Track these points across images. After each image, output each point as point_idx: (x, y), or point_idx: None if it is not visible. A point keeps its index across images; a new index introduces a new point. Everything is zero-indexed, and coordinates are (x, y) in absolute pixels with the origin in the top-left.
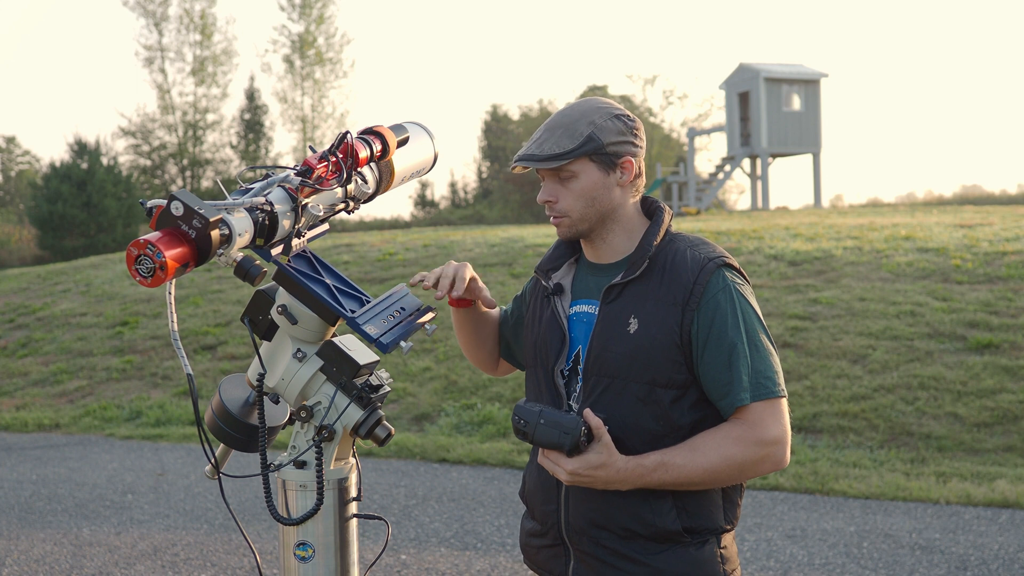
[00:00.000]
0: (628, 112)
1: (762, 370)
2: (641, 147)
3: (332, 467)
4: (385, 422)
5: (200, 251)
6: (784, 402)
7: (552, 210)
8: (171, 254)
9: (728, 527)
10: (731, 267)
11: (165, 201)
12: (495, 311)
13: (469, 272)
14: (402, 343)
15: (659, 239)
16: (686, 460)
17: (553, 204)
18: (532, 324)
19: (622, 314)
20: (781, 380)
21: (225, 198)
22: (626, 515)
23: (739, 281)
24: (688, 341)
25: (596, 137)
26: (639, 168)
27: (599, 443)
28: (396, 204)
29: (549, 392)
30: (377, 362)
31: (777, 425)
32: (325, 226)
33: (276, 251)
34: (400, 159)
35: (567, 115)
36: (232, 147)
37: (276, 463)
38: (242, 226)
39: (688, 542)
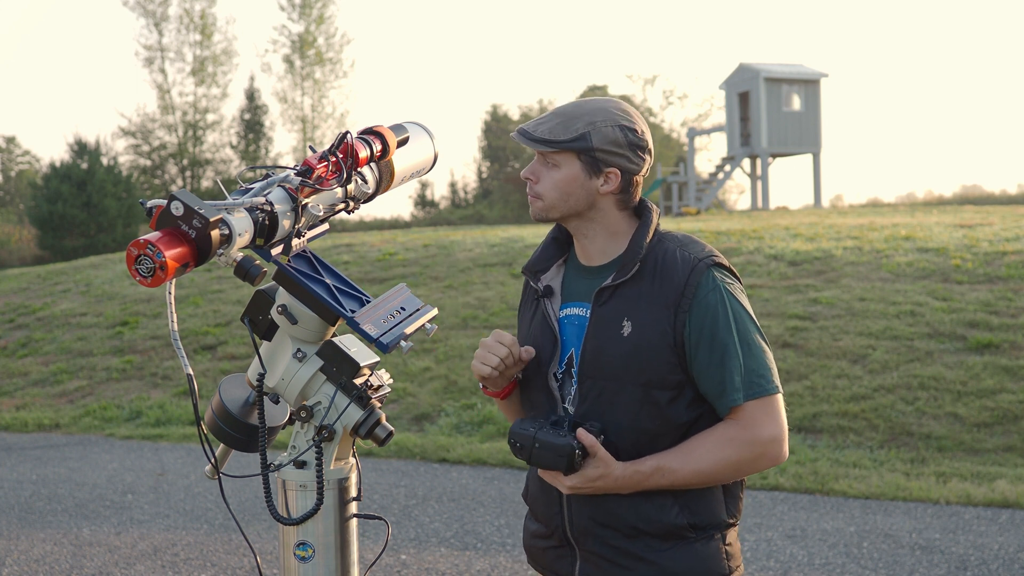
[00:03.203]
0: (639, 128)
1: (755, 368)
2: (638, 165)
3: (332, 467)
4: (385, 422)
5: (200, 251)
6: (778, 398)
7: (531, 189)
8: (171, 254)
9: (731, 520)
10: (721, 266)
11: (165, 201)
12: None
13: (520, 351)
14: (402, 343)
15: (648, 239)
16: (681, 464)
17: (533, 183)
18: (523, 327)
19: (615, 317)
20: (775, 377)
21: (225, 198)
22: (630, 513)
23: (729, 280)
24: (681, 342)
25: (588, 138)
26: (629, 183)
27: (594, 459)
28: (396, 204)
29: (543, 395)
30: (378, 362)
31: (772, 423)
32: (325, 226)
33: (276, 251)
34: (400, 159)
35: (576, 107)
36: (232, 147)
37: (276, 463)
38: (242, 226)
39: (693, 538)
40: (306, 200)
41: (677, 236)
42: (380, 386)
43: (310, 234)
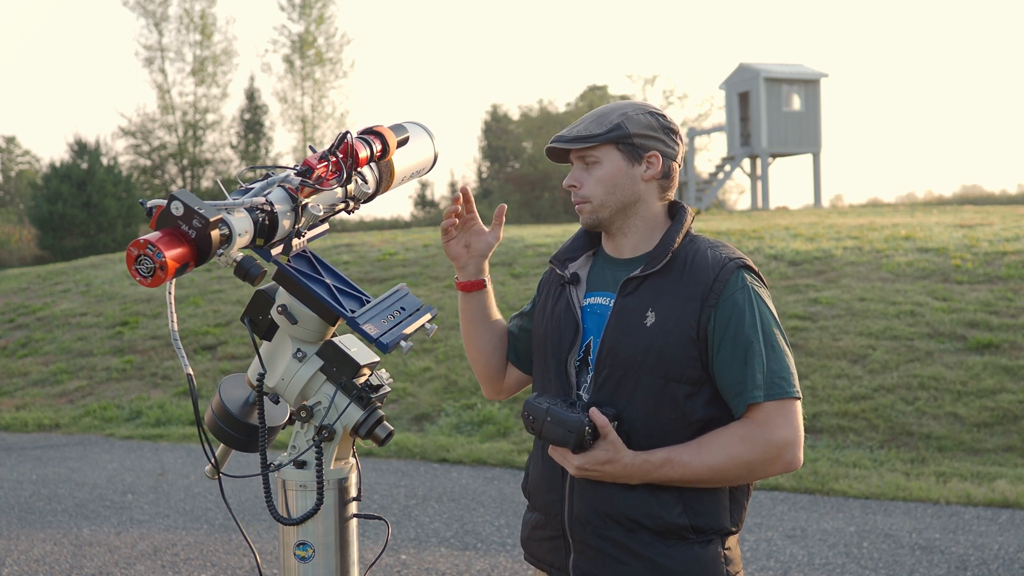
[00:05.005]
0: (666, 115)
1: (777, 370)
2: (674, 148)
3: (332, 467)
4: (385, 422)
5: (200, 251)
6: (798, 404)
7: (576, 195)
8: (171, 254)
9: (733, 528)
10: (750, 269)
11: (165, 201)
12: (502, 322)
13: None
14: (402, 343)
15: (681, 238)
16: (692, 457)
17: (577, 189)
18: (544, 313)
19: (639, 307)
20: (796, 382)
21: (225, 198)
22: (633, 507)
23: (757, 284)
24: (704, 337)
25: (624, 126)
26: (669, 168)
27: (605, 440)
28: (396, 204)
29: (559, 381)
30: (378, 362)
31: (788, 426)
32: (325, 226)
33: (276, 251)
34: (400, 159)
35: (604, 106)
36: (232, 147)
37: (276, 463)
38: (242, 226)
39: (692, 540)
40: (306, 200)
41: (709, 239)
42: (380, 386)
43: (310, 234)
